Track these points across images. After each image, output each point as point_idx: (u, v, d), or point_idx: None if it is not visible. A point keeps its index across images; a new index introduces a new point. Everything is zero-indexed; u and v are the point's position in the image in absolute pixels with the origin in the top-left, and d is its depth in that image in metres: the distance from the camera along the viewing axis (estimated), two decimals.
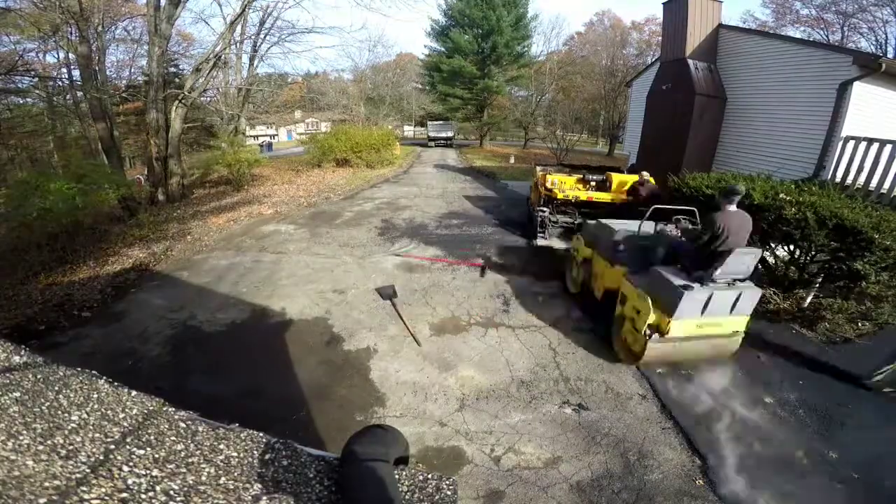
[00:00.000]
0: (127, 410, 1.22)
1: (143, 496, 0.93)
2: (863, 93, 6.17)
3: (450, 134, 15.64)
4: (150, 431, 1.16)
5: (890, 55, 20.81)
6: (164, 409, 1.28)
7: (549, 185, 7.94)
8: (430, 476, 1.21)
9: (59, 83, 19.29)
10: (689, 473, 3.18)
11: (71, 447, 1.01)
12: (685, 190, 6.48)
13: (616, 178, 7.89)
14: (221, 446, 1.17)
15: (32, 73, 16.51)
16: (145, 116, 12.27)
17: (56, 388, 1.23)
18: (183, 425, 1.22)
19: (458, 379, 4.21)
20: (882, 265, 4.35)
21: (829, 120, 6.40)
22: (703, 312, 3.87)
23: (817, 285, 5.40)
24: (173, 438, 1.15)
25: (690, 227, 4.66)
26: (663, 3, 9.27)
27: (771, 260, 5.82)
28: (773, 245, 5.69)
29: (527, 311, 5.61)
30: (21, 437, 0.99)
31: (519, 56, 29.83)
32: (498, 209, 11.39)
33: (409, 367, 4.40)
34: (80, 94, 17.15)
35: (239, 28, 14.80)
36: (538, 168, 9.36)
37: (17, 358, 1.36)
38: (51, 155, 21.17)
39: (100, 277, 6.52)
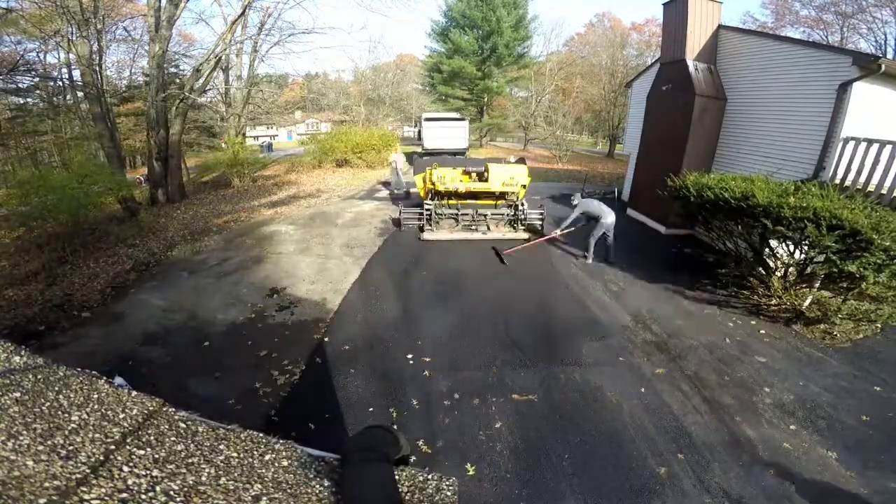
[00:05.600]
0: (127, 411, 1.22)
1: (143, 496, 0.93)
2: (863, 93, 6.17)
3: (463, 145, 11.83)
4: (150, 432, 1.16)
5: (889, 56, 20.83)
6: (164, 409, 1.28)
7: (434, 178, 8.18)
8: (430, 476, 1.20)
9: (60, 83, 19.30)
10: (689, 473, 3.17)
11: (71, 447, 1.01)
12: (684, 191, 6.39)
13: (492, 168, 8.55)
14: (221, 446, 1.17)
15: (33, 72, 16.53)
16: (145, 117, 12.28)
17: (56, 389, 1.23)
18: (183, 425, 1.22)
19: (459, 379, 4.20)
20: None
21: (829, 121, 6.40)
22: None
23: (817, 285, 5.40)
24: (173, 439, 1.15)
25: None
26: (663, 4, 9.26)
27: (771, 262, 5.81)
28: (773, 245, 5.69)
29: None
30: (21, 438, 0.99)
31: (519, 57, 29.83)
32: None
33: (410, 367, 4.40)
34: (80, 94, 17.15)
35: (239, 29, 14.80)
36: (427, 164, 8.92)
37: (17, 358, 1.36)
38: (51, 155, 21.18)
39: (100, 277, 6.52)
